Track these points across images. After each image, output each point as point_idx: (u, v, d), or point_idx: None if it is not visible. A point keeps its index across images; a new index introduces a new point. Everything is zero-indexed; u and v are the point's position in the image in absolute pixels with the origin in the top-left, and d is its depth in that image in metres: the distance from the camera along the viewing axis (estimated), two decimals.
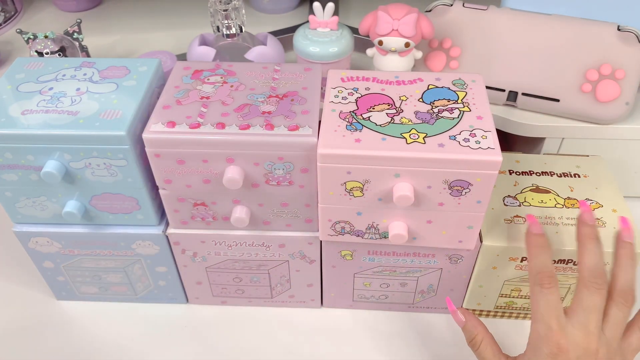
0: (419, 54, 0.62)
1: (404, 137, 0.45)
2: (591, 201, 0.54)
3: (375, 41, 0.60)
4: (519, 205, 0.54)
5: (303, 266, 0.56)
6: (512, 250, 0.51)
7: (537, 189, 0.55)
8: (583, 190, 0.55)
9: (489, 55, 0.63)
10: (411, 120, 0.46)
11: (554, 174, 0.57)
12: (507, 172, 0.57)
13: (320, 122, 0.47)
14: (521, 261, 0.52)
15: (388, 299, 0.59)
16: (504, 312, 0.59)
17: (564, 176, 0.57)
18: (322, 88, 0.51)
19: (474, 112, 0.47)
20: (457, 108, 0.47)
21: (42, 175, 0.47)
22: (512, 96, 0.63)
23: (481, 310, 0.59)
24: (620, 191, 0.55)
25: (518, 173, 0.57)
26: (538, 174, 0.57)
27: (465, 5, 0.64)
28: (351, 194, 0.47)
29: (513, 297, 0.57)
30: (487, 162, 0.43)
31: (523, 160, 0.59)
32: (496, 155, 0.43)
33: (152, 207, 0.52)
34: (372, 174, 0.45)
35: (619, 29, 0.59)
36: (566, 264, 0.52)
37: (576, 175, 0.57)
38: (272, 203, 0.50)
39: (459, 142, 0.44)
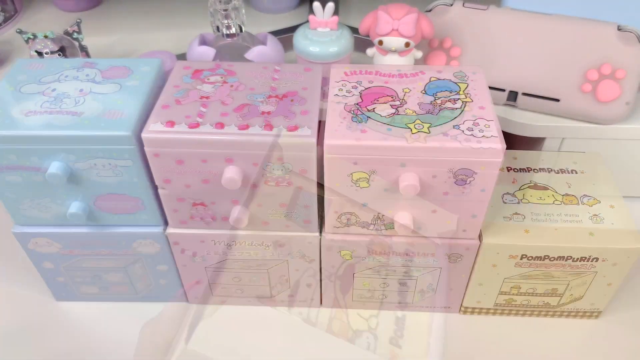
0: (419, 54, 0.62)
1: (409, 128, 0.45)
2: (589, 197, 0.55)
3: (376, 41, 0.60)
4: (518, 203, 0.54)
5: (302, 266, 0.56)
6: (512, 248, 0.51)
7: (535, 186, 0.56)
8: (580, 186, 0.56)
9: (489, 55, 0.63)
10: (415, 112, 0.47)
11: (552, 170, 0.57)
12: (506, 170, 0.58)
13: (320, 122, 0.47)
14: (520, 259, 0.52)
15: (388, 299, 0.59)
16: (504, 310, 0.59)
17: (562, 172, 0.57)
18: (322, 88, 0.51)
19: (475, 102, 0.48)
20: (459, 99, 0.48)
21: (47, 176, 0.47)
22: (513, 96, 0.63)
23: (481, 308, 0.59)
24: (617, 187, 0.56)
25: (516, 170, 0.58)
26: (536, 171, 0.57)
27: (465, 5, 0.64)
28: (357, 185, 0.47)
29: (513, 294, 0.57)
30: (490, 150, 0.44)
31: (521, 157, 0.59)
32: (499, 143, 0.44)
33: (157, 207, 0.51)
34: (378, 164, 0.45)
35: (619, 29, 0.59)
36: (565, 260, 0.52)
37: (573, 172, 0.57)
38: (271, 203, 0.50)
39: (463, 131, 0.45)
